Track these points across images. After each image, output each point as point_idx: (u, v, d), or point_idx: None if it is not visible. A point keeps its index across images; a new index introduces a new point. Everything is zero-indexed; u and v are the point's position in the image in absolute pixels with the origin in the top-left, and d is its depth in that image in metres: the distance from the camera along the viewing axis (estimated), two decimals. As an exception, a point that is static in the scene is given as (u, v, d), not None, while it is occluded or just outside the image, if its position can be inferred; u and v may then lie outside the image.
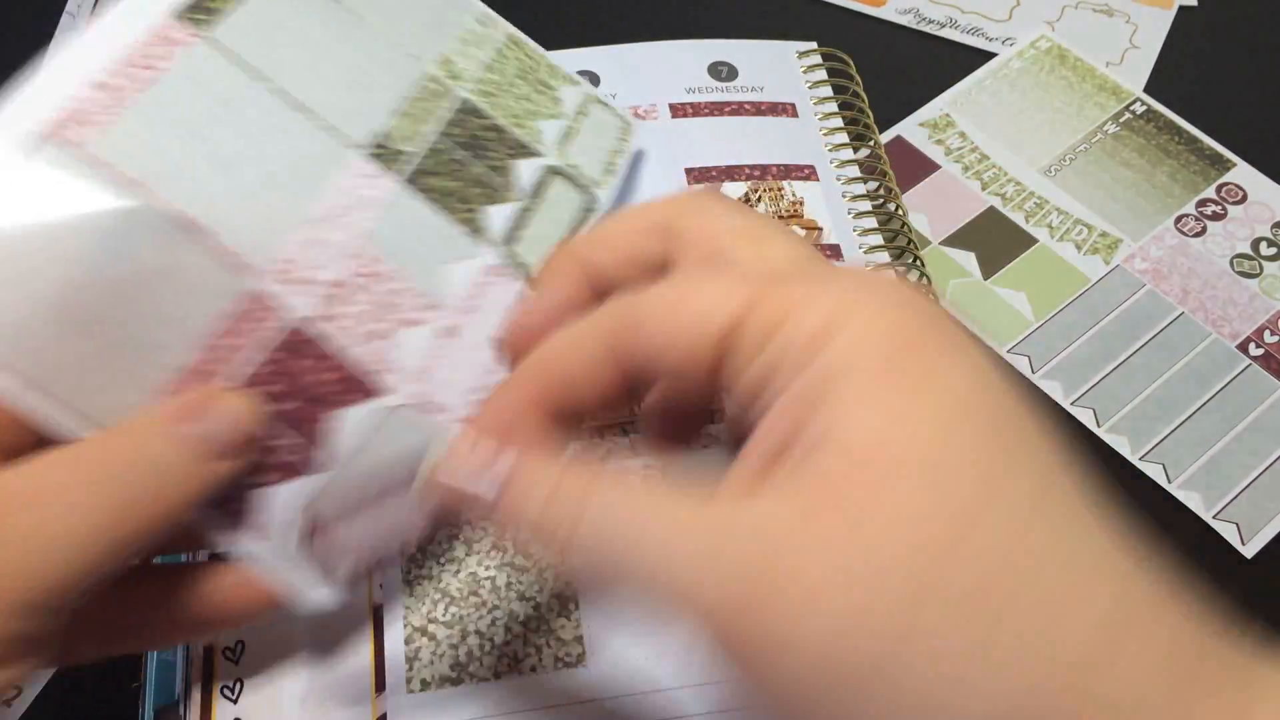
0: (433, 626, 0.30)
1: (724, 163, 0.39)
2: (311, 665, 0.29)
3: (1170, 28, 0.50)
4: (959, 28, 0.49)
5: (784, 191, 0.38)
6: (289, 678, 0.29)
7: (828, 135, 0.40)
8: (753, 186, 0.38)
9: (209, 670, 0.29)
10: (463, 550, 0.31)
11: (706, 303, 0.20)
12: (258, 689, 0.29)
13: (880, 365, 0.19)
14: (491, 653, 0.30)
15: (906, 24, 0.49)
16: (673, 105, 0.40)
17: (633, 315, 0.21)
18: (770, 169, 0.39)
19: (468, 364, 0.28)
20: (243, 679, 0.29)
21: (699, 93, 0.40)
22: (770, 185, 0.38)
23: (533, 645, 0.30)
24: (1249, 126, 0.47)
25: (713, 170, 0.38)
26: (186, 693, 0.29)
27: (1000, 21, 0.49)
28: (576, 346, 0.22)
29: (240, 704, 0.29)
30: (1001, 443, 0.19)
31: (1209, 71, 0.49)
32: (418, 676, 0.29)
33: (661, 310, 0.21)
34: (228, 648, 0.30)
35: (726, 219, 0.22)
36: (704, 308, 0.20)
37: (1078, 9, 0.50)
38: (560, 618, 0.30)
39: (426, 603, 0.30)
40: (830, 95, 0.41)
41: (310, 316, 0.25)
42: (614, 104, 0.36)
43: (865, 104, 0.41)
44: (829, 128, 0.40)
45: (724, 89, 0.41)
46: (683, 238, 0.23)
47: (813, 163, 0.39)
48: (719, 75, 0.41)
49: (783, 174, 0.39)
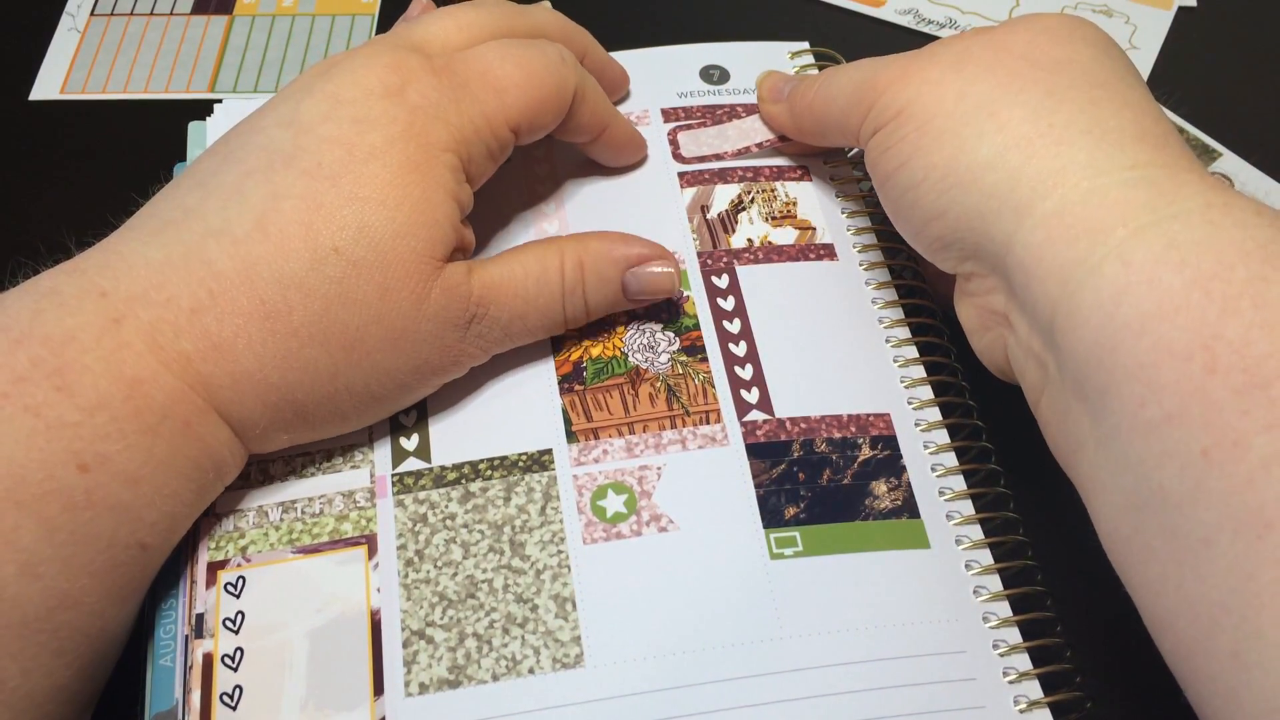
0: (430, 629, 0.30)
1: (717, 166, 0.39)
2: (309, 670, 0.29)
3: (1169, 28, 0.50)
4: (959, 28, 0.49)
5: (777, 193, 0.38)
6: (287, 683, 0.29)
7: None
8: (745, 188, 0.38)
9: (208, 677, 0.29)
10: (460, 553, 0.31)
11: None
12: (256, 695, 0.29)
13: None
14: (489, 655, 0.30)
15: (906, 25, 0.49)
16: (665, 110, 0.40)
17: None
18: (763, 170, 0.39)
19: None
20: (241, 686, 0.29)
21: (691, 97, 0.41)
22: (763, 187, 0.38)
23: (531, 647, 0.30)
24: (1249, 127, 0.47)
25: (705, 174, 0.39)
26: (185, 699, 0.29)
27: (1000, 22, 0.49)
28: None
29: (239, 710, 0.29)
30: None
31: (1209, 72, 0.49)
32: (416, 679, 0.29)
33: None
34: (226, 655, 0.30)
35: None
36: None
37: (1077, 9, 0.50)
38: (558, 619, 0.30)
39: (424, 606, 0.30)
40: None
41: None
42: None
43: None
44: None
45: (716, 92, 0.41)
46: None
47: (805, 164, 0.39)
48: (711, 79, 0.41)
49: (775, 175, 0.39)
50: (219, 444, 0.29)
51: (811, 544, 0.31)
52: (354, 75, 0.31)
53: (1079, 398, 0.27)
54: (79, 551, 0.27)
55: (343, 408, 0.31)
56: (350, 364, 0.30)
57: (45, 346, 0.27)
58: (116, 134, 0.47)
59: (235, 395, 0.29)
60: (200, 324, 0.28)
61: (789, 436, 0.33)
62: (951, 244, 0.31)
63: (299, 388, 0.30)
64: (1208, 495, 0.24)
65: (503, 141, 0.33)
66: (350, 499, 0.32)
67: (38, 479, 0.26)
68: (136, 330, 0.28)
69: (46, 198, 0.45)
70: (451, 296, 0.31)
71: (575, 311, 0.34)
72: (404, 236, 0.30)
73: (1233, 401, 0.23)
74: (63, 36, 0.51)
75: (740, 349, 0.35)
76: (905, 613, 0.30)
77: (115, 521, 0.27)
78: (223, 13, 0.52)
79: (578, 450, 0.33)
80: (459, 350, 0.32)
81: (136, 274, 0.28)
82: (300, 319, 0.29)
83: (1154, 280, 0.25)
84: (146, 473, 0.28)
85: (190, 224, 0.29)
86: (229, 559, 0.31)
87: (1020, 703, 0.29)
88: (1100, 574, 0.28)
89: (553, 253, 0.33)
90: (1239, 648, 0.23)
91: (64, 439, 0.26)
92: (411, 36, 0.34)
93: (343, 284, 0.29)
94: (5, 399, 0.26)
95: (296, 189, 0.29)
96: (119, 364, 0.27)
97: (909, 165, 0.31)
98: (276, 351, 0.29)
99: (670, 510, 0.32)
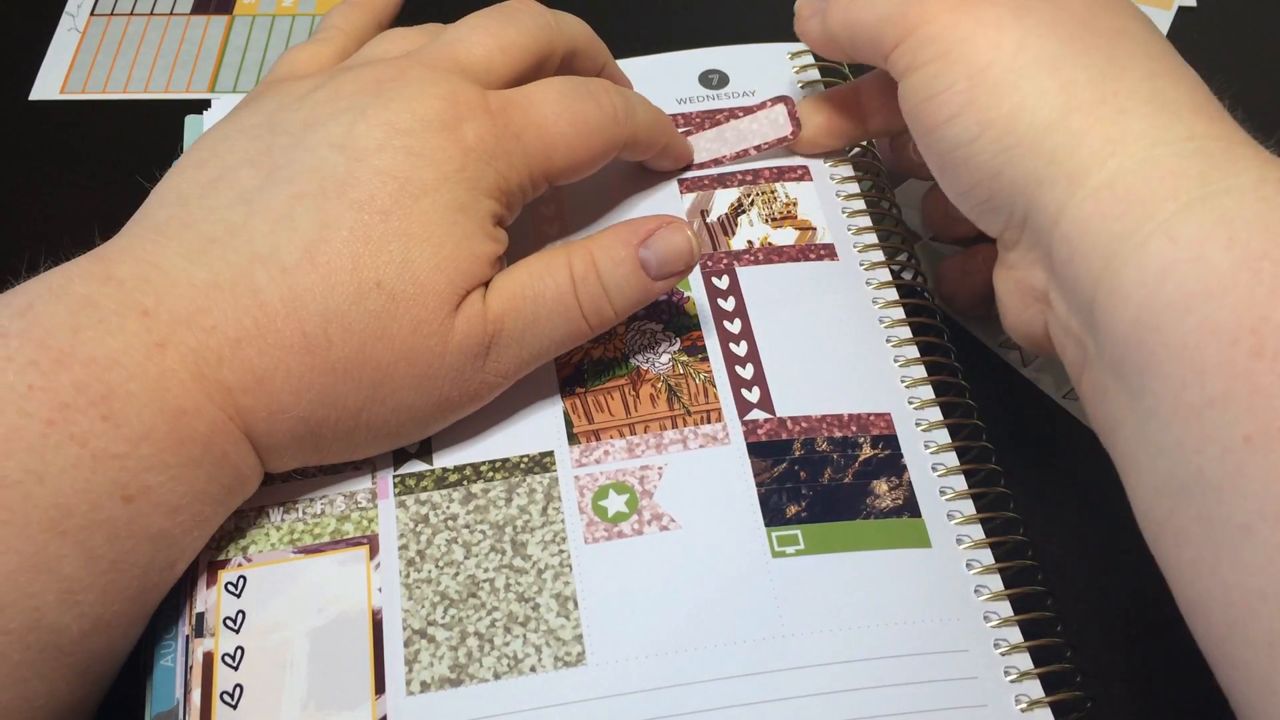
0: (432, 629, 0.30)
1: (716, 171, 0.39)
2: (310, 669, 0.29)
3: (1169, 28, 0.50)
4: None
5: (777, 194, 0.38)
6: (288, 682, 0.29)
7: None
8: (745, 191, 0.38)
9: (208, 676, 0.29)
10: (461, 553, 0.31)
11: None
12: (257, 694, 0.29)
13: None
14: (491, 654, 0.30)
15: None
16: (665, 115, 0.40)
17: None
18: (763, 171, 0.39)
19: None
20: (242, 685, 0.29)
21: (690, 102, 0.41)
22: (763, 188, 0.38)
23: (532, 646, 0.30)
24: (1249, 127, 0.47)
25: (704, 179, 0.39)
26: (186, 698, 0.29)
27: None
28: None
29: (240, 709, 0.29)
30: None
31: (1209, 72, 0.49)
32: (417, 678, 0.29)
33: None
34: (227, 654, 0.30)
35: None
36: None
37: (1076, 9, 0.50)
38: (560, 618, 0.30)
39: (425, 605, 0.30)
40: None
41: None
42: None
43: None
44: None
45: (715, 97, 0.41)
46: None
47: (806, 164, 0.39)
48: (710, 83, 0.41)
49: (775, 175, 0.39)
50: (248, 469, 0.30)
51: (813, 542, 0.31)
52: (410, 104, 0.30)
53: (1117, 377, 0.27)
54: (117, 579, 0.27)
55: (358, 441, 0.31)
56: (376, 400, 0.30)
57: (89, 370, 0.26)
58: (116, 134, 0.47)
59: (269, 427, 0.29)
60: (243, 355, 0.28)
61: (790, 436, 0.33)
62: (1001, 207, 0.30)
63: (325, 422, 0.30)
64: (1248, 482, 0.23)
65: (539, 190, 0.33)
66: (352, 500, 0.32)
67: (83, 510, 0.26)
68: (180, 358, 0.27)
69: (46, 198, 0.45)
70: (472, 325, 0.30)
71: (593, 302, 0.31)
72: (443, 269, 0.29)
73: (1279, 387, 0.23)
74: (63, 36, 0.51)
75: (741, 349, 0.35)
76: (906, 611, 0.30)
77: (153, 549, 0.27)
78: (223, 13, 0.52)
79: (579, 451, 0.33)
80: (476, 384, 0.31)
81: (180, 294, 0.28)
82: (339, 354, 0.29)
83: (1201, 258, 0.25)
84: (186, 502, 0.28)
85: (236, 244, 0.29)
86: (230, 558, 0.31)
87: (1021, 702, 0.29)
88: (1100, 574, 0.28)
89: (558, 252, 0.32)
90: (1276, 638, 0.23)
91: (110, 471, 0.26)
92: (455, 54, 0.33)
93: (381, 319, 0.29)
94: (51, 426, 0.25)
95: (347, 220, 0.29)
96: (163, 392, 0.27)
97: (961, 119, 0.30)
98: (313, 386, 0.29)
99: (672, 509, 0.32)
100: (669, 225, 0.32)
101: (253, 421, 0.29)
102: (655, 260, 0.32)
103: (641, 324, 0.35)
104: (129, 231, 0.30)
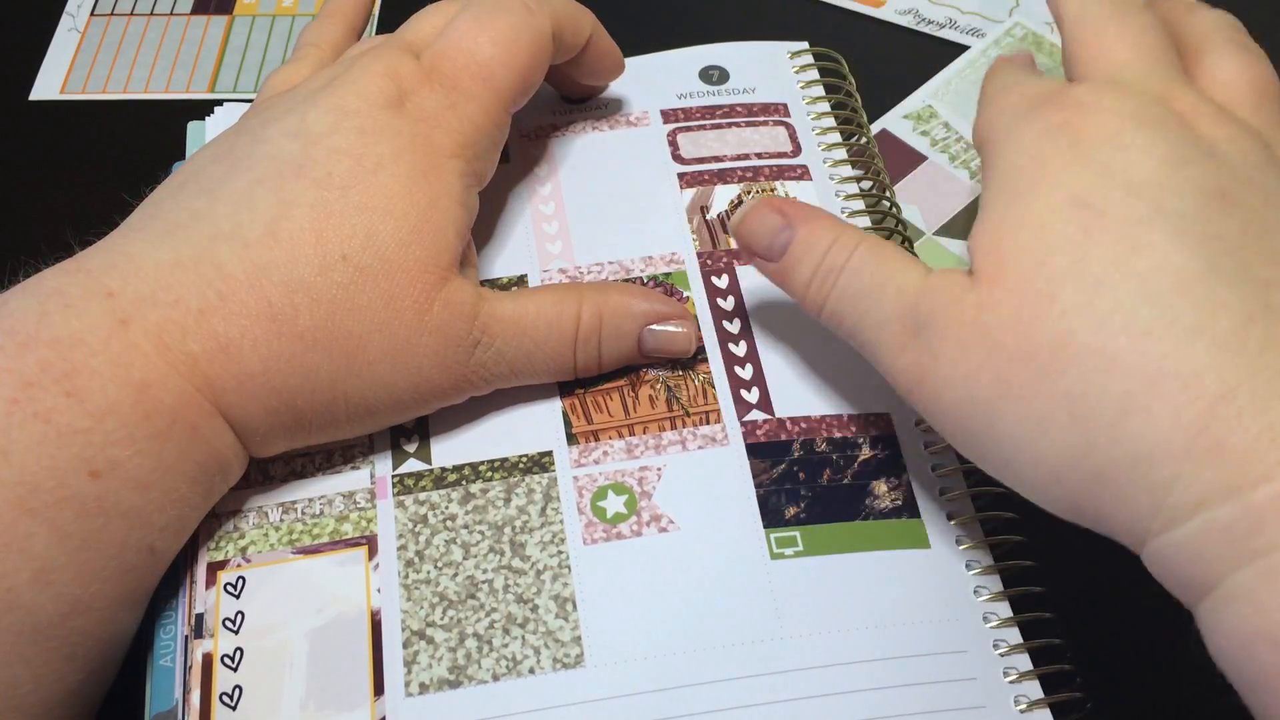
0: (431, 630, 0.30)
1: (717, 167, 0.39)
2: (309, 670, 0.29)
3: (1169, 27, 0.50)
4: (959, 28, 0.49)
5: (777, 193, 0.38)
6: (287, 683, 0.29)
7: (820, 135, 0.40)
8: (745, 189, 0.38)
9: (208, 677, 0.29)
10: (460, 554, 0.31)
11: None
12: (256, 695, 0.29)
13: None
14: (490, 655, 0.30)
15: (906, 25, 0.49)
16: (664, 112, 0.40)
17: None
18: (763, 170, 0.39)
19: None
20: (241, 686, 0.29)
21: (690, 98, 0.41)
22: (763, 186, 0.38)
23: (531, 647, 0.30)
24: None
25: (705, 175, 0.39)
26: (185, 699, 0.29)
27: (1000, 22, 0.49)
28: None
29: (239, 710, 0.29)
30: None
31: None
32: (416, 679, 0.29)
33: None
34: (226, 655, 0.30)
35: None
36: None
37: (1076, 8, 0.50)
38: (559, 619, 0.30)
39: (424, 606, 0.30)
40: (823, 95, 0.41)
41: None
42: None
43: (858, 102, 0.41)
44: (822, 127, 0.40)
45: (715, 93, 0.41)
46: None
47: (805, 163, 0.39)
48: (710, 79, 0.41)
49: (775, 174, 0.39)
50: (224, 447, 0.29)
51: (812, 544, 0.31)
52: (355, 86, 0.31)
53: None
54: (91, 558, 0.27)
55: (338, 417, 0.31)
56: (350, 372, 0.30)
57: (53, 349, 0.27)
58: (116, 134, 0.47)
59: (239, 398, 0.29)
60: (208, 325, 0.28)
61: (789, 436, 0.33)
62: (1078, 517, 0.27)
63: (299, 393, 0.30)
64: None
65: (503, 125, 0.34)
66: (350, 500, 0.32)
67: (49, 486, 0.26)
68: (144, 331, 0.28)
69: (46, 198, 0.45)
70: (455, 313, 0.31)
71: (587, 361, 0.33)
72: (409, 245, 0.30)
73: None
74: (63, 36, 0.51)
75: (740, 349, 0.35)
76: (905, 612, 0.30)
77: (126, 527, 0.27)
78: (223, 13, 0.52)
79: (578, 452, 0.33)
80: (462, 373, 0.31)
81: (144, 275, 0.29)
82: (306, 323, 0.29)
83: None
84: (156, 478, 0.28)
85: (199, 227, 0.29)
86: (229, 559, 0.31)
87: (1021, 703, 0.29)
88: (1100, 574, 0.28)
89: (571, 299, 0.32)
90: None
91: (75, 445, 0.26)
92: (405, 34, 0.34)
93: (349, 290, 0.29)
94: (15, 405, 0.26)
95: (307, 197, 0.30)
96: (127, 367, 0.27)
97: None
98: (281, 354, 0.29)
99: (670, 510, 0.32)
100: (678, 321, 0.34)
101: (221, 392, 0.29)
102: (653, 344, 0.34)
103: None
104: (108, 236, 0.31)
